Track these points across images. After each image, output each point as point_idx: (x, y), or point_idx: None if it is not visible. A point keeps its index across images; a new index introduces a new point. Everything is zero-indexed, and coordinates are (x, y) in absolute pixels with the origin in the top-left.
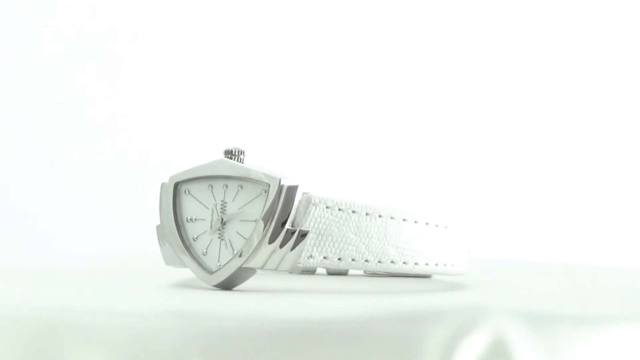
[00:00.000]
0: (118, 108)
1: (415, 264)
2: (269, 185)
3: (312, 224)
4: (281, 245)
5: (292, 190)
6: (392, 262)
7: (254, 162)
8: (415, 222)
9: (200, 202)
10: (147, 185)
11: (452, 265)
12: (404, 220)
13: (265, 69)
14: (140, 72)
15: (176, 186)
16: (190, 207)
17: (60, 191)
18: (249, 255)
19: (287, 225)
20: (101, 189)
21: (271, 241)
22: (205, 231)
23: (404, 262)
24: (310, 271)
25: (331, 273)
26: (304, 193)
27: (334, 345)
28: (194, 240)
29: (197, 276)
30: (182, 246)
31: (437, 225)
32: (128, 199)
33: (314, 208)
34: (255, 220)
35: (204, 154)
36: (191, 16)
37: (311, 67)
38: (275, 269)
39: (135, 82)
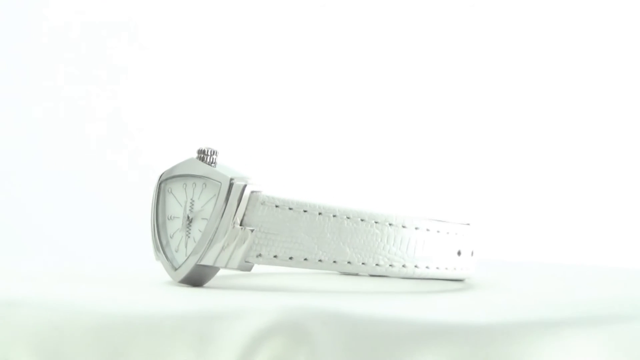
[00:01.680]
0: (119, 107)
1: (377, 264)
2: (221, 184)
3: (260, 223)
4: (229, 243)
5: (239, 188)
6: (348, 262)
7: (224, 163)
8: (376, 222)
9: (177, 200)
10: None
11: (427, 268)
12: (361, 220)
13: (265, 68)
14: (142, 72)
15: (160, 184)
16: (170, 205)
17: (61, 190)
18: (201, 253)
19: (235, 224)
20: (102, 189)
21: (219, 239)
22: (179, 229)
23: (362, 263)
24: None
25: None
26: (252, 192)
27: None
28: (170, 237)
29: (167, 272)
30: (157, 244)
31: (404, 227)
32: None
33: (262, 207)
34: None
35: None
36: (190, 16)
37: (311, 67)
38: (225, 267)
39: (136, 82)
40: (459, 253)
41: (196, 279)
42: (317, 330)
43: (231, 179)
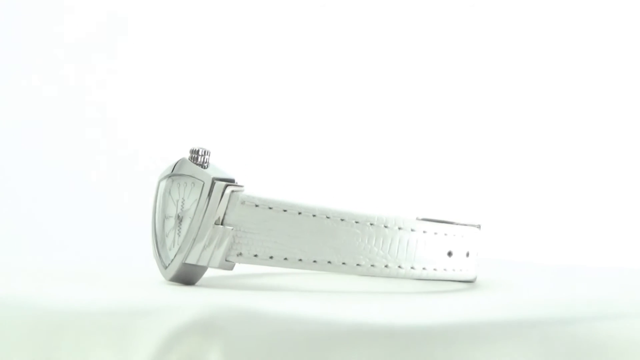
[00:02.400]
0: (120, 106)
1: (358, 264)
2: (204, 183)
3: (240, 222)
4: (210, 242)
5: (220, 187)
6: (328, 262)
7: (216, 163)
8: (357, 222)
9: (172, 200)
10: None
11: (413, 269)
12: (341, 220)
13: (265, 68)
14: (143, 71)
15: (159, 183)
16: (168, 204)
17: (62, 189)
18: (186, 252)
19: (216, 223)
20: (104, 188)
21: (201, 238)
22: (172, 228)
23: (342, 263)
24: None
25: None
26: (233, 191)
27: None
28: (166, 236)
29: (159, 271)
30: (154, 242)
31: (386, 227)
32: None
33: (242, 206)
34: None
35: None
36: (191, 16)
37: (311, 67)
38: (208, 266)
39: (138, 81)
40: (449, 254)
41: (185, 277)
42: (231, 328)
43: (213, 178)
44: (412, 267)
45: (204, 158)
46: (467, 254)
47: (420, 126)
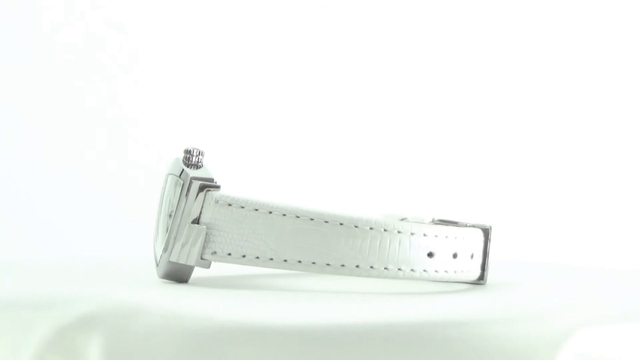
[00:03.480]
0: (122, 105)
1: (327, 264)
2: (183, 182)
3: (213, 221)
4: (187, 240)
5: (196, 186)
6: (299, 261)
7: (207, 164)
8: (326, 222)
9: (168, 198)
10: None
11: (386, 269)
12: (310, 219)
13: (266, 68)
14: (145, 72)
15: (166, 178)
16: (168, 202)
17: (65, 188)
18: (169, 250)
19: (192, 222)
20: (107, 188)
21: (180, 236)
22: (168, 226)
23: (312, 262)
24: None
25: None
26: (207, 190)
27: None
28: (158, 234)
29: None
30: (154, 240)
31: (356, 227)
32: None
33: (216, 205)
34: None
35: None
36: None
37: (314, 66)
38: (186, 263)
39: (141, 81)
40: (430, 255)
41: (174, 275)
42: (112, 324)
43: (191, 178)
44: (385, 268)
45: (197, 158)
46: (455, 255)
47: (420, 126)
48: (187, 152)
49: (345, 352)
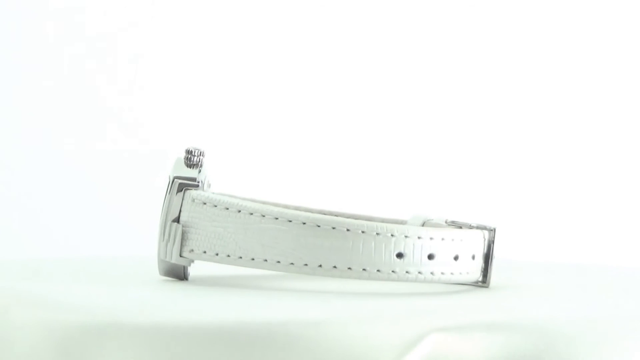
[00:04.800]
0: (124, 105)
1: (291, 263)
2: (169, 181)
3: (190, 219)
4: (169, 239)
5: (176, 186)
6: (265, 260)
7: (207, 164)
8: (289, 221)
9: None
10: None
11: (350, 269)
12: (275, 219)
13: (268, 69)
14: (146, 70)
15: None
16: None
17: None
18: (159, 248)
19: (172, 220)
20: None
21: (164, 235)
22: None
23: (277, 261)
24: None
25: None
26: (186, 189)
27: None
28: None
29: None
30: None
31: (318, 226)
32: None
33: (193, 204)
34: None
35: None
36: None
37: (315, 67)
38: (171, 261)
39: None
40: (399, 255)
41: (171, 272)
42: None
43: (174, 177)
44: (349, 268)
45: (198, 159)
46: (431, 257)
47: (420, 126)
48: (188, 152)
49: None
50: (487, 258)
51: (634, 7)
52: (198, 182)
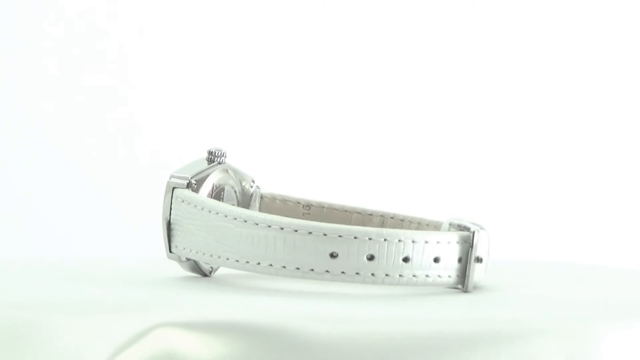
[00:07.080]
0: (127, 104)
1: (258, 263)
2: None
3: (177, 218)
4: (165, 236)
5: (170, 185)
6: (236, 260)
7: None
8: (256, 224)
9: None
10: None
11: (312, 270)
12: (244, 222)
13: (270, 69)
14: (147, 70)
15: None
16: None
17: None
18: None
19: (165, 217)
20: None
21: (163, 232)
22: None
23: (246, 262)
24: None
25: None
26: (174, 189)
27: None
28: None
29: None
30: None
31: (295, 231)
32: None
33: (181, 203)
34: None
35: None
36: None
37: (316, 68)
38: (168, 257)
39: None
40: (370, 258)
41: (191, 269)
42: None
43: (171, 176)
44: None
45: (219, 159)
46: (408, 260)
47: (420, 126)
48: (210, 152)
49: None
50: (466, 262)
51: (634, 7)
52: (190, 181)
